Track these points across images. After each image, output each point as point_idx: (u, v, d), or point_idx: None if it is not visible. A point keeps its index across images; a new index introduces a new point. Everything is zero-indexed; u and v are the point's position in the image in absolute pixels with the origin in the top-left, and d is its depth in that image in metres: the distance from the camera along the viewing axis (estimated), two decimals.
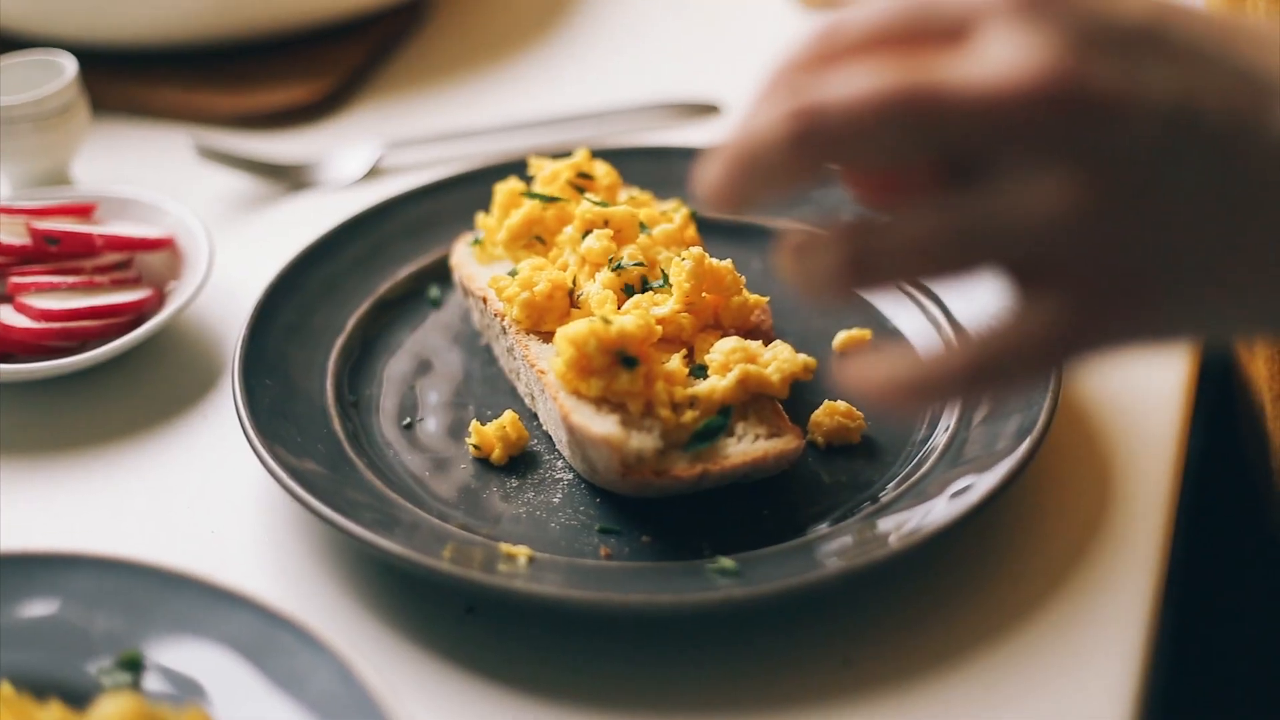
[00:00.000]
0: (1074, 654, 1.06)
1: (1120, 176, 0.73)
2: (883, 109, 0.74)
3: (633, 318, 1.15)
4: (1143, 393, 1.27)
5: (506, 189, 1.34)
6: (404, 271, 1.39)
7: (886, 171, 0.82)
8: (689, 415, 1.15)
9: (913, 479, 1.16)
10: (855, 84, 0.74)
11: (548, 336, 1.23)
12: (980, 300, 1.27)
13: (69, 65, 1.55)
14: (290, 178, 1.62)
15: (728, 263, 1.23)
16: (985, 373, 0.76)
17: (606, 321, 1.14)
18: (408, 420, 1.25)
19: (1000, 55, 0.73)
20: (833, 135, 0.75)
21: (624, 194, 1.36)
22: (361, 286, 1.37)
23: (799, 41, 0.81)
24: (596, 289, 1.22)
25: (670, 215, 1.31)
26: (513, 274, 1.26)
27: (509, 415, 1.21)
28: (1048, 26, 0.73)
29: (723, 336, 1.21)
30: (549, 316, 1.23)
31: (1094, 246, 0.74)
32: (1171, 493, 1.18)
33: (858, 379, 0.80)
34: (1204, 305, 0.76)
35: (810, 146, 0.76)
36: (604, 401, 1.15)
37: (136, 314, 1.35)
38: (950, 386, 0.77)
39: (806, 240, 0.77)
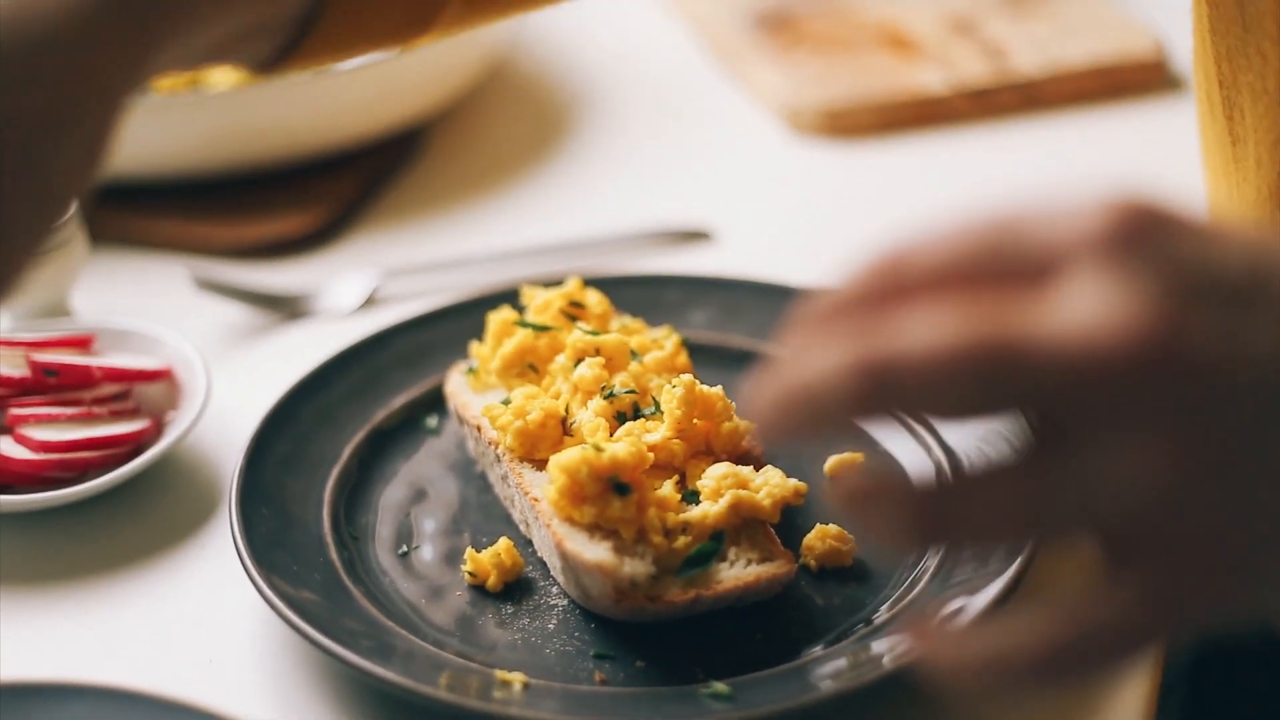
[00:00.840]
0: None
1: (1221, 447, 0.68)
2: (960, 364, 0.68)
3: (625, 445, 1.17)
4: None
5: (499, 318, 1.36)
6: (399, 400, 1.41)
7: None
8: (681, 541, 1.16)
9: (905, 601, 1.16)
10: (931, 334, 0.69)
11: (541, 464, 1.24)
12: (973, 431, 1.28)
13: None
14: (287, 308, 1.64)
15: (718, 389, 1.25)
16: (1065, 658, 0.70)
17: (599, 449, 1.16)
18: (404, 548, 1.26)
19: (1090, 304, 0.67)
20: (904, 388, 0.69)
21: (616, 322, 1.37)
22: (357, 415, 1.38)
23: (864, 266, 0.74)
24: (589, 416, 1.23)
25: (661, 342, 1.32)
26: (506, 402, 1.28)
27: (504, 542, 1.23)
28: (1143, 273, 0.67)
29: (714, 462, 1.22)
30: (542, 445, 1.24)
31: (1191, 519, 0.68)
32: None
33: (942, 655, 0.74)
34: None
35: (878, 398, 0.70)
36: (597, 528, 1.16)
37: (135, 444, 1.36)
38: (1026, 672, 0.71)
39: (876, 489, 0.72)
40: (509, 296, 1.46)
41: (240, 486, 1.26)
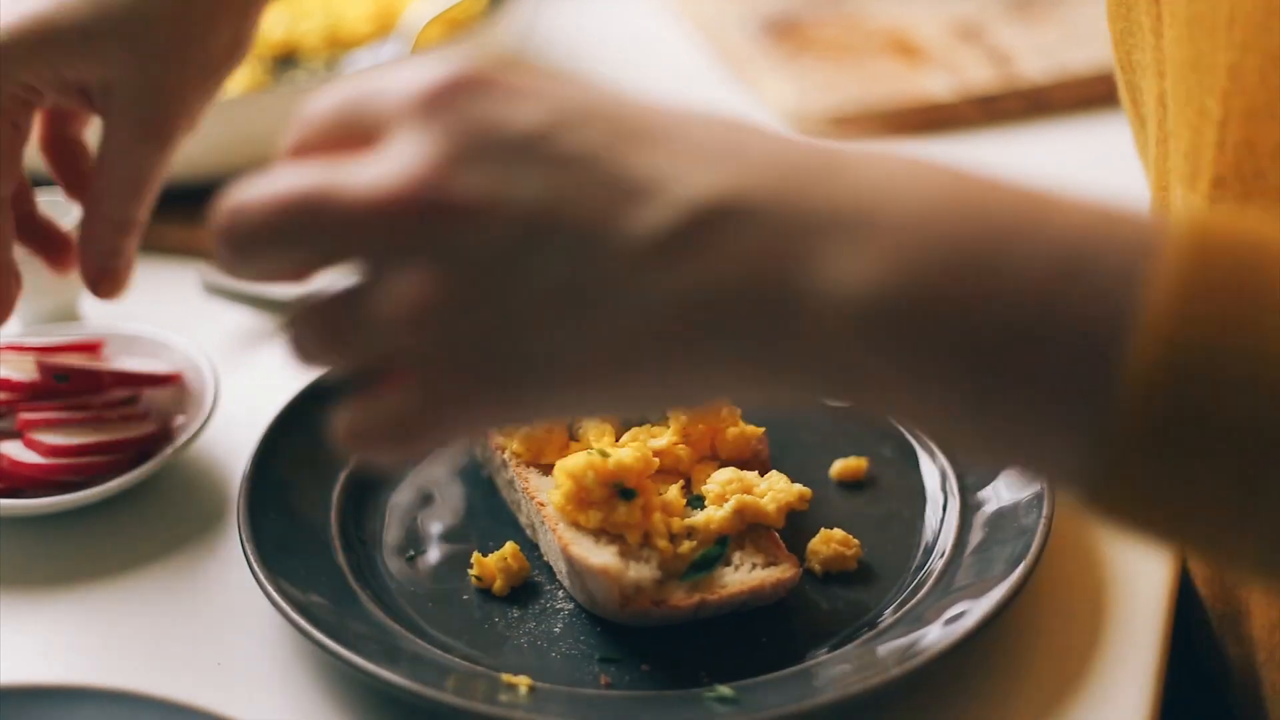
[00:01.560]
0: None
1: (472, 274, 0.77)
2: (282, 211, 0.80)
3: (630, 450, 1.17)
4: None
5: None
6: None
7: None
8: (686, 546, 1.16)
9: (909, 605, 1.17)
10: (261, 189, 0.81)
11: (547, 469, 1.24)
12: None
13: (76, 205, 1.58)
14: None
15: None
16: (355, 435, 0.85)
17: (604, 454, 1.16)
18: (411, 552, 1.27)
19: (383, 165, 0.78)
20: (244, 233, 0.82)
21: None
22: None
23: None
24: (595, 422, 1.24)
25: None
26: None
27: (510, 546, 1.23)
28: (433, 132, 0.78)
29: (720, 467, 1.23)
30: (548, 449, 1.25)
31: (444, 335, 0.78)
32: (1167, 615, 1.20)
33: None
34: (561, 391, 0.80)
35: (230, 243, 0.83)
36: (602, 533, 1.17)
37: (143, 449, 1.37)
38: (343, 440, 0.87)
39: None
40: None
41: (248, 490, 1.27)
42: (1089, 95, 1.94)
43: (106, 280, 1.32)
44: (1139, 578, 1.22)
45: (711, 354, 0.77)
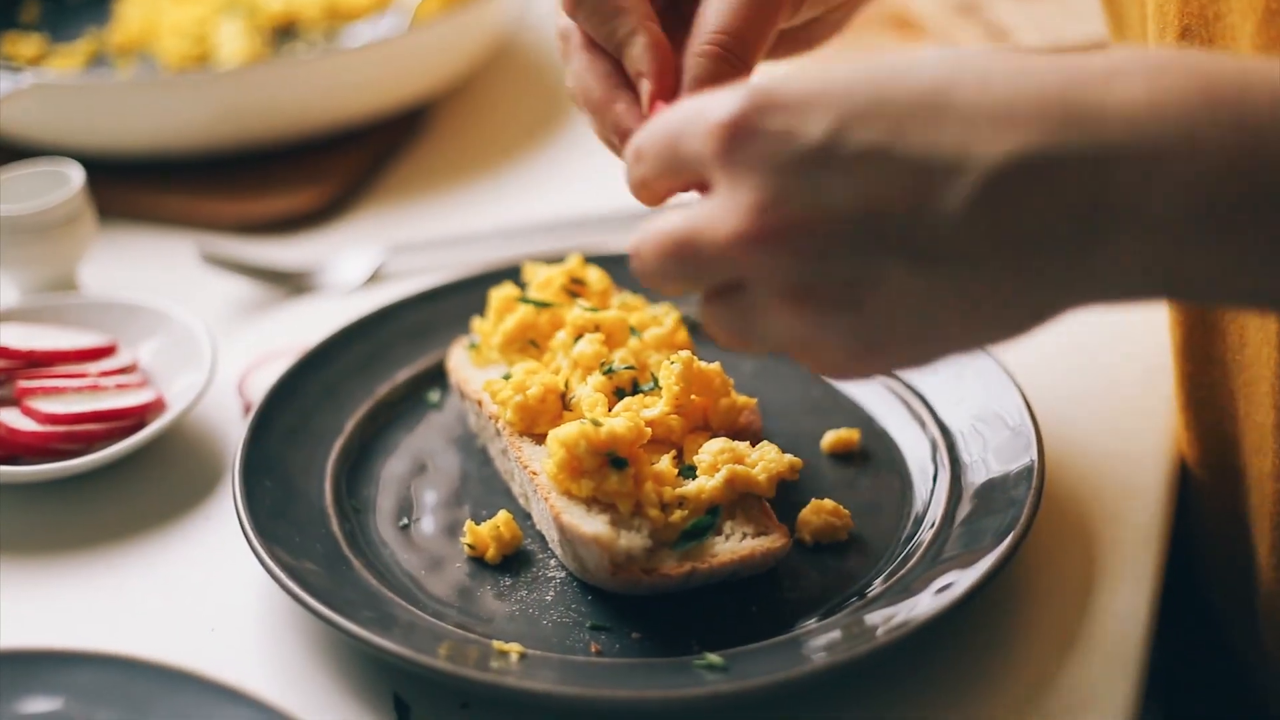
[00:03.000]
0: None
1: (832, 276, 0.91)
2: (666, 256, 0.97)
3: (622, 420, 1.18)
4: (1126, 486, 1.29)
5: (502, 295, 1.37)
6: (402, 375, 1.42)
7: None
8: (677, 515, 1.17)
9: (898, 575, 1.18)
10: (650, 235, 0.98)
11: (540, 438, 1.25)
12: (965, 407, 1.30)
13: (76, 174, 1.59)
14: (292, 283, 1.65)
15: (716, 366, 1.26)
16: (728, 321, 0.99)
17: (597, 424, 1.17)
18: (404, 521, 1.28)
19: (719, 213, 0.94)
20: (645, 274, 0.99)
21: (616, 299, 1.39)
22: (361, 390, 1.40)
23: (625, 164, 1.07)
24: (588, 392, 1.25)
25: (661, 319, 1.34)
26: (507, 377, 1.29)
27: (503, 515, 1.24)
28: (744, 175, 0.92)
29: (711, 438, 1.23)
30: (541, 419, 1.26)
31: (826, 328, 0.93)
32: (1155, 585, 1.20)
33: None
34: (928, 343, 0.93)
35: (642, 277, 1.00)
36: (594, 502, 1.18)
37: (140, 417, 1.38)
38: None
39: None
40: (511, 273, 1.48)
41: (244, 458, 1.28)
42: None
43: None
44: (1128, 549, 1.23)
45: (1047, 281, 0.89)
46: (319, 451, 1.33)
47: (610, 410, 1.23)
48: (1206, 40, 1.14)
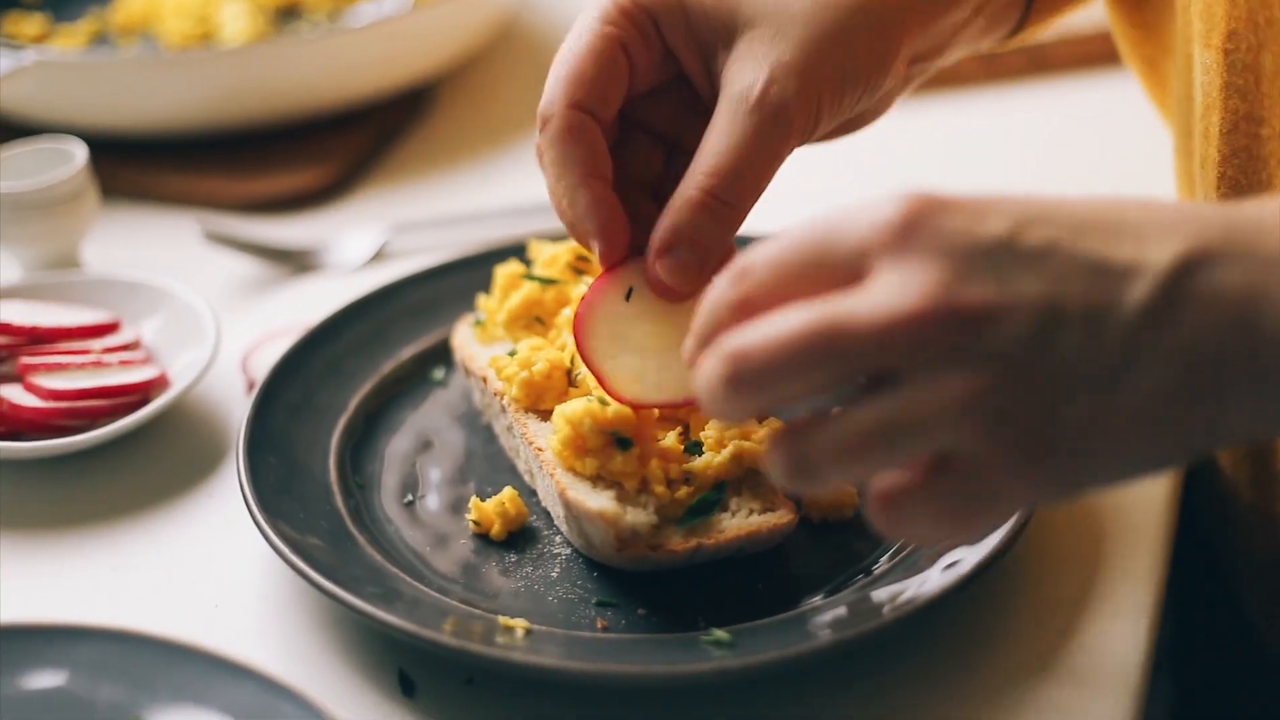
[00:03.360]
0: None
1: (996, 368, 0.85)
2: (801, 346, 0.87)
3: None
4: None
5: (507, 272, 1.37)
6: (407, 352, 1.42)
7: None
8: (684, 491, 1.17)
9: (905, 552, 1.17)
10: (777, 327, 0.88)
11: (546, 415, 1.25)
12: None
13: (79, 152, 1.59)
14: (296, 261, 1.64)
15: None
16: (914, 523, 0.89)
17: (604, 402, 1.16)
18: (409, 497, 1.27)
19: (888, 292, 0.86)
20: (761, 373, 0.88)
21: None
22: (365, 367, 1.39)
23: (716, 287, 0.94)
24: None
25: None
26: (512, 354, 1.29)
27: (508, 492, 1.23)
28: (925, 258, 0.86)
29: None
30: (547, 395, 1.25)
31: (982, 426, 0.85)
32: (1162, 561, 1.20)
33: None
34: (1095, 459, 0.87)
35: (743, 384, 0.88)
36: (600, 478, 1.17)
37: (144, 393, 1.37)
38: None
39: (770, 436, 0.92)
40: (517, 250, 1.47)
41: (248, 434, 1.27)
42: (1090, 53, 1.94)
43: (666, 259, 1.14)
44: (1135, 525, 1.23)
45: (1217, 396, 0.86)
46: (323, 428, 1.32)
47: None
48: (1254, 45, 1.14)
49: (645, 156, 1.20)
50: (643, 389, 1.16)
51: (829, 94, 1.13)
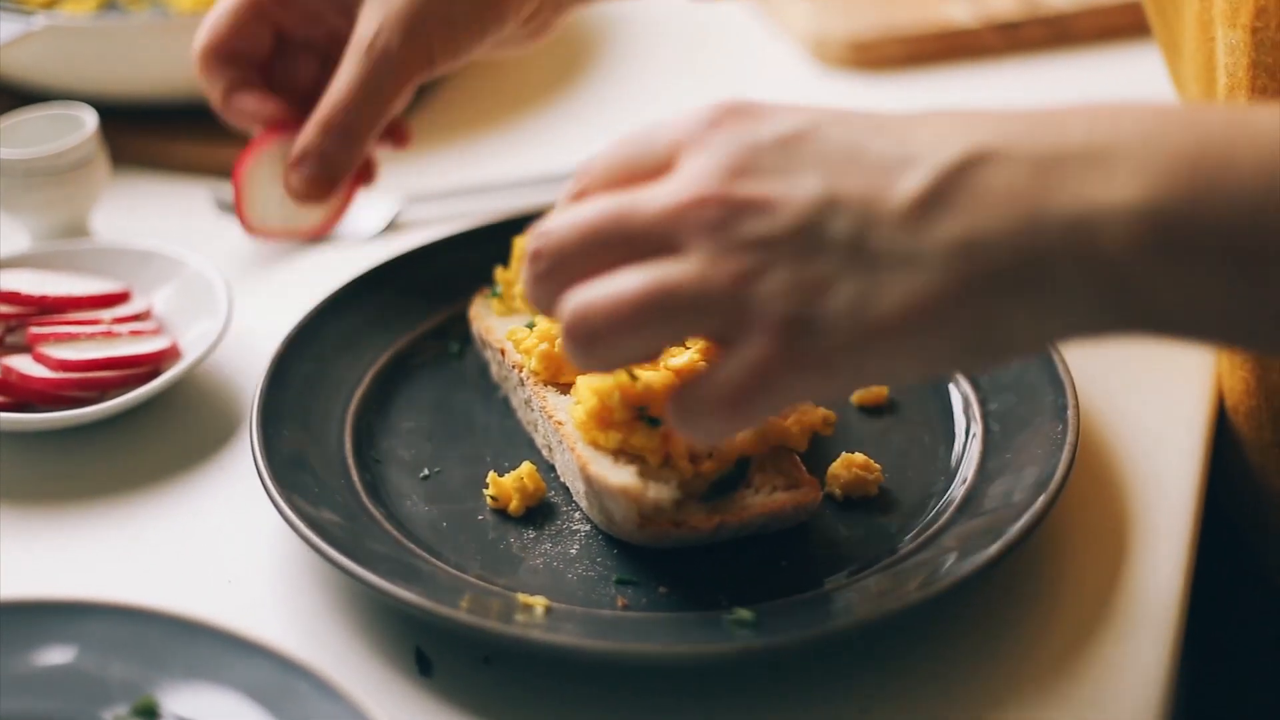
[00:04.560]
0: (1093, 706, 1.05)
1: (764, 254, 0.89)
2: (591, 231, 0.94)
3: (659, 375, 1.15)
4: (1161, 442, 1.27)
5: (524, 243, 1.35)
6: (422, 325, 1.40)
7: None
8: (707, 466, 1.15)
9: (930, 531, 1.15)
10: (575, 214, 0.96)
11: (565, 388, 1.23)
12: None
13: (89, 119, 1.57)
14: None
15: None
16: (687, 408, 0.94)
17: (633, 376, 1.14)
18: (425, 472, 1.25)
19: (677, 180, 0.93)
20: (555, 250, 0.96)
21: None
22: (380, 339, 1.37)
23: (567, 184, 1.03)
24: None
25: None
26: (531, 326, 1.27)
27: (527, 467, 1.22)
28: (713, 151, 0.93)
29: None
30: (567, 368, 1.23)
31: (752, 311, 0.89)
32: (1191, 542, 1.18)
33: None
34: (870, 354, 0.89)
35: (542, 261, 0.97)
36: (622, 453, 1.15)
37: (155, 365, 1.36)
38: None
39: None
40: (535, 221, 1.45)
41: (262, 407, 1.25)
42: (1113, 24, 1.92)
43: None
44: (1165, 498, 1.21)
45: (992, 296, 0.86)
46: (338, 401, 1.30)
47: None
48: None
49: (307, 69, 1.49)
50: (265, 221, 1.51)
51: (439, 39, 1.36)
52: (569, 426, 1.18)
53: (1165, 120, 0.85)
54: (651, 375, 1.15)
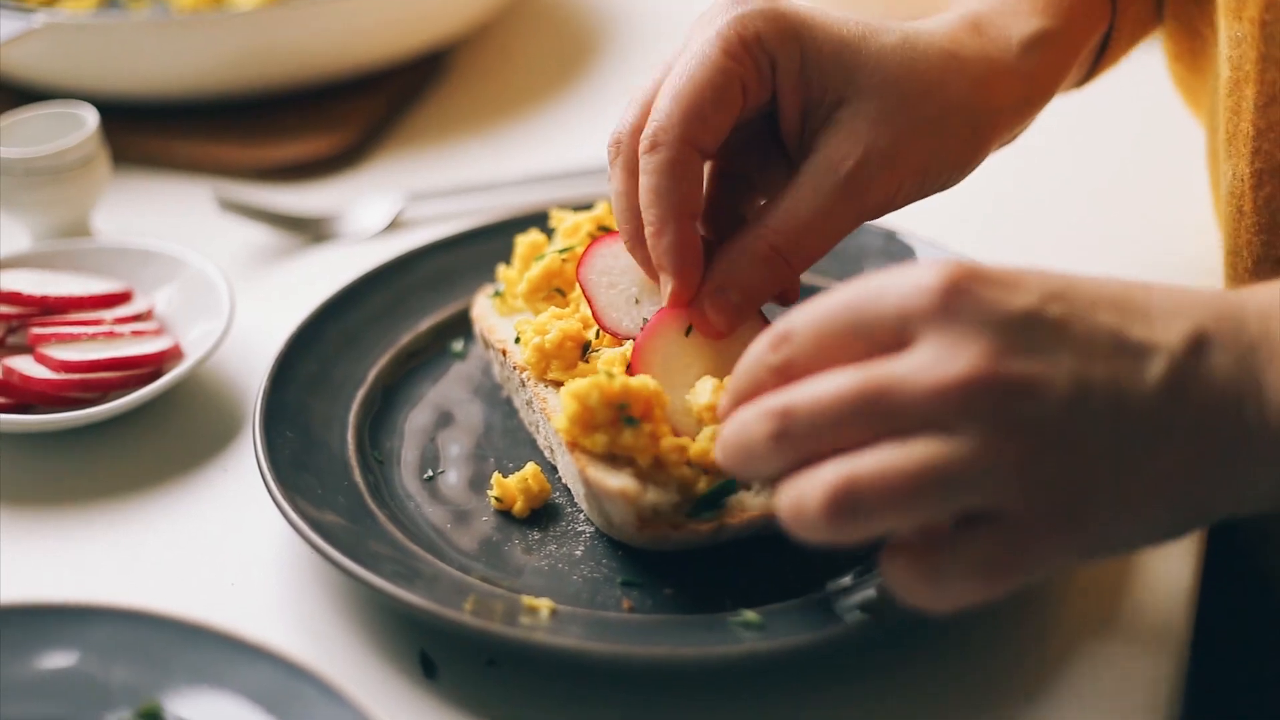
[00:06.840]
0: (1098, 711, 1.05)
1: (1038, 435, 0.90)
2: (847, 405, 0.91)
3: (640, 377, 1.14)
4: None
5: (527, 241, 1.34)
6: (425, 324, 1.39)
7: None
8: (703, 482, 1.13)
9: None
10: (824, 387, 0.93)
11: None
12: None
13: (90, 117, 1.56)
14: (311, 230, 1.62)
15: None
16: (937, 581, 0.93)
17: (610, 375, 1.13)
18: (429, 473, 1.25)
19: (937, 357, 0.91)
20: (808, 429, 0.93)
21: None
22: (383, 338, 1.37)
23: (755, 349, 0.99)
24: (613, 353, 1.20)
25: None
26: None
27: (531, 468, 1.21)
28: (965, 328, 0.91)
29: None
30: (556, 364, 1.22)
31: (1023, 488, 0.90)
32: (1197, 548, 1.18)
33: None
34: (1118, 526, 0.93)
35: (790, 439, 0.93)
36: (616, 456, 1.14)
37: (157, 365, 1.35)
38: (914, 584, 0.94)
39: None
40: (538, 219, 1.45)
41: (264, 408, 1.25)
42: None
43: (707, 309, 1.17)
44: None
45: (1224, 471, 0.93)
46: (341, 401, 1.30)
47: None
48: None
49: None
50: (620, 325, 1.22)
51: (910, 182, 1.16)
52: None
53: None
54: (632, 379, 1.13)
